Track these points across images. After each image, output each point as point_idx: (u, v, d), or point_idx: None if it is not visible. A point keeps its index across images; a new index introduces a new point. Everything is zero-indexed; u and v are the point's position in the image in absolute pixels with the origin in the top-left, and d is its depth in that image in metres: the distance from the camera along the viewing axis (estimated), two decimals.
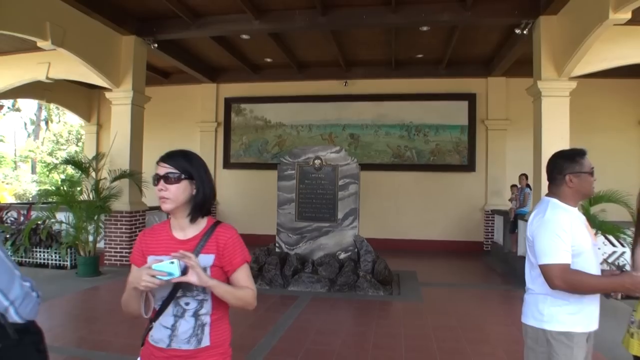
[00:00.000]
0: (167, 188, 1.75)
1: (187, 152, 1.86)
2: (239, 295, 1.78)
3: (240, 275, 1.83)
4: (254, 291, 1.84)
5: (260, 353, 4.45)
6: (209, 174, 1.86)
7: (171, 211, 1.80)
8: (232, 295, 1.76)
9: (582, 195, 2.35)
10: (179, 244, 1.79)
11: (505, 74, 11.09)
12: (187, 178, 1.77)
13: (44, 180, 21.79)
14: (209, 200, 1.84)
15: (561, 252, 2.13)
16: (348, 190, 7.87)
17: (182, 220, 1.82)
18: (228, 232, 1.84)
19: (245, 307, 1.83)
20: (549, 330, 2.21)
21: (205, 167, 1.87)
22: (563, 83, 7.46)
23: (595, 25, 6.09)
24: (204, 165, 1.87)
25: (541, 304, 2.26)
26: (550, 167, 2.46)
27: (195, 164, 1.82)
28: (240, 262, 1.82)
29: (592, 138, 10.54)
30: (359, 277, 7.15)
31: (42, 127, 26.93)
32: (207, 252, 1.78)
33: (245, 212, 12.35)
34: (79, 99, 12.94)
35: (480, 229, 11.47)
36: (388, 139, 11.87)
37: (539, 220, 2.27)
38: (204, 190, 1.81)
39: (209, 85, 12.59)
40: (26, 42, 7.93)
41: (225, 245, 1.80)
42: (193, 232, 1.83)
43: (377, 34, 9.52)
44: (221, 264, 1.80)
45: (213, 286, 1.69)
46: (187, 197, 1.78)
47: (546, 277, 2.16)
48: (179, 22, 8.64)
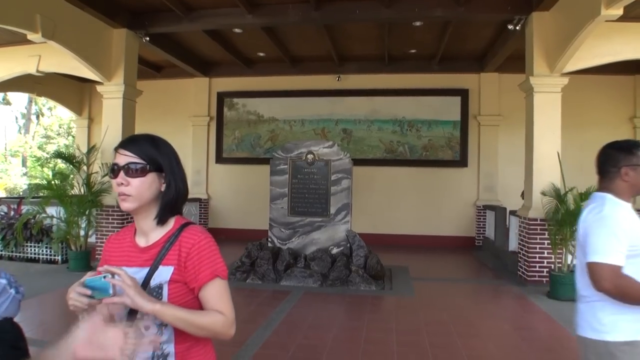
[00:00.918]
0: (129, 182, 1.41)
1: (154, 137, 1.51)
2: (200, 323, 1.37)
3: (208, 295, 1.42)
4: (226, 317, 1.41)
5: (253, 347, 4.46)
6: (180, 164, 1.53)
7: (133, 211, 1.45)
8: (188, 323, 1.35)
9: (637, 189, 2.11)
10: (139, 253, 1.47)
11: (497, 70, 11.11)
12: (155, 170, 1.44)
13: (35, 174, 21.64)
14: (181, 198, 1.50)
15: (615, 252, 1.92)
16: (341, 185, 7.87)
17: (146, 223, 1.48)
18: (194, 237, 1.44)
19: (215, 337, 1.44)
20: (611, 341, 1.96)
21: (177, 155, 1.53)
22: (555, 79, 7.48)
23: (587, 22, 6.11)
24: (175, 153, 1.53)
25: (600, 312, 2.02)
26: (602, 159, 2.17)
27: (164, 152, 1.48)
28: (208, 277, 1.41)
29: (583, 134, 10.61)
30: (351, 272, 7.17)
31: (33, 121, 26.70)
32: (167, 263, 1.42)
33: (237, 207, 12.34)
34: (70, 93, 12.82)
35: (472, 224, 11.52)
36: (381, 134, 11.87)
37: (595, 216, 2.06)
38: (177, 185, 1.48)
39: (201, 80, 12.52)
40: (16, 35, 7.83)
41: (188, 255, 1.42)
42: (156, 237, 1.48)
43: (371, 29, 9.50)
44: (184, 279, 1.41)
45: (156, 312, 1.29)
46: (153, 193, 1.45)
47: (593, 277, 1.96)
48: (171, 16, 8.57)
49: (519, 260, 7.81)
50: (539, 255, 7.33)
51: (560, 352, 4.54)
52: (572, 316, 5.27)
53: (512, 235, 8.96)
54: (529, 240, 7.39)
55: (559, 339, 4.94)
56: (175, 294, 1.40)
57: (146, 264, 1.43)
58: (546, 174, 7.36)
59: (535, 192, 7.37)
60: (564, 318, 5.59)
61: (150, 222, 1.47)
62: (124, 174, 1.41)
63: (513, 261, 8.27)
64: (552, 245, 6.91)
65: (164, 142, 1.52)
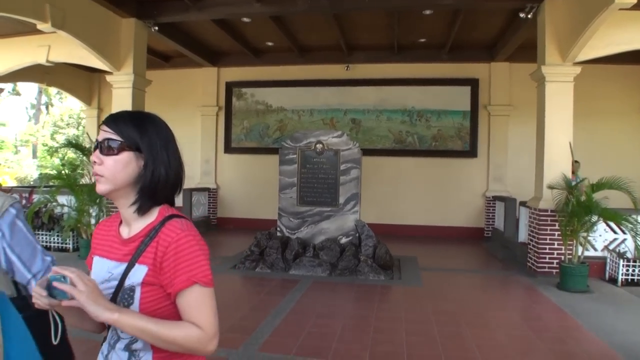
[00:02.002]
0: (102, 161, 1.25)
1: (141, 114, 1.35)
2: (169, 337, 1.16)
3: (184, 304, 1.20)
4: (204, 331, 1.19)
5: (263, 335, 4.48)
6: (169, 147, 1.32)
7: (108, 195, 1.29)
8: (154, 337, 1.16)
9: None
10: (120, 245, 1.31)
11: (508, 59, 10.99)
12: (131, 149, 1.26)
13: (45, 164, 21.80)
14: (163, 184, 1.29)
15: None
16: (350, 175, 7.86)
17: (126, 211, 1.31)
18: (172, 234, 1.22)
19: (190, 353, 1.23)
20: None
21: (167, 137, 1.33)
22: (567, 68, 7.39)
23: (601, 10, 6.01)
24: (166, 135, 1.33)
25: None
26: None
27: (147, 130, 1.29)
28: (185, 283, 1.19)
29: (595, 124, 10.53)
30: (360, 262, 7.18)
31: (43, 111, 26.86)
32: (143, 261, 1.24)
33: (246, 196, 12.37)
34: (79, 83, 12.86)
35: (482, 215, 11.47)
36: (390, 124, 11.82)
37: None
38: (155, 168, 1.27)
39: (210, 69, 12.51)
40: (26, 25, 7.85)
41: (165, 254, 1.21)
42: (137, 228, 1.30)
43: (380, 18, 9.43)
44: (160, 282, 1.22)
45: (114, 322, 1.13)
46: (130, 176, 1.26)
47: None
48: (180, 5, 8.55)
49: (529, 251, 7.78)
50: (549, 246, 7.30)
51: (570, 343, 4.53)
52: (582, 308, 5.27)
53: (521, 226, 8.91)
54: (539, 231, 7.35)
55: (569, 330, 4.92)
56: (149, 299, 1.22)
57: (125, 258, 1.27)
58: (557, 164, 7.30)
59: (546, 183, 7.32)
60: (574, 309, 5.58)
61: (130, 211, 1.29)
62: (99, 152, 1.26)
63: (522, 252, 8.24)
64: (563, 236, 6.86)
65: (152, 121, 1.33)
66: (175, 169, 1.33)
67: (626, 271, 6.94)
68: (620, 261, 6.95)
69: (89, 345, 2.39)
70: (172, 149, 1.34)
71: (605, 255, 7.38)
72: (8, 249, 1.63)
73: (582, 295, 6.29)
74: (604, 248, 7.45)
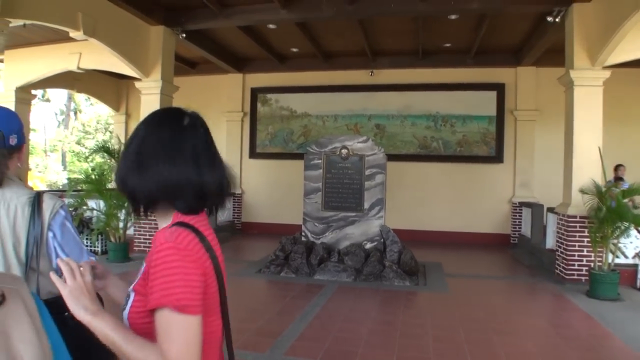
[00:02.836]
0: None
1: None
2: (130, 355, 1.05)
3: (155, 325, 1.07)
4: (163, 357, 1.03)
5: (289, 339, 4.50)
6: (137, 152, 1.20)
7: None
8: (119, 351, 1.06)
9: None
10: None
11: (535, 64, 10.86)
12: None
13: (74, 169, 22.28)
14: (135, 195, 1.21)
15: None
16: (374, 180, 7.86)
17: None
18: (157, 242, 1.12)
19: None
20: None
21: (144, 139, 1.22)
22: (596, 72, 7.27)
23: (631, 12, 5.90)
24: (144, 136, 1.23)
25: None
26: None
27: (135, 130, 1.27)
28: (153, 303, 1.06)
29: (624, 129, 10.32)
30: (385, 267, 7.15)
31: (71, 117, 27.48)
32: (142, 269, 1.21)
33: (271, 201, 12.44)
34: (108, 89, 13.15)
35: (508, 221, 11.32)
36: (414, 129, 11.77)
37: None
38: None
39: (235, 75, 12.65)
40: (57, 33, 8.08)
41: (149, 265, 1.13)
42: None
43: (405, 23, 9.42)
44: (146, 293, 1.11)
45: (86, 323, 1.08)
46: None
47: None
48: (207, 12, 8.68)
49: (557, 258, 7.64)
50: (578, 253, 7.16)
51: (600, 351, 4.44)
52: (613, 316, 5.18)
53: (549, 233, 8.77)
54: (568, 238, 7.22)
55: (599, 338, 4.83)
56: (137, 309, 1.15)
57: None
58: (586, 170, 7.17)
59: (574, 188, 7.20)
60: (604, 317, 5.47)
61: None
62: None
63: (550, 259, 8.10)
64: (593, 243, 6.73)
65: (145, 118, 1.27)
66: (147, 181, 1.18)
67: None
68: None
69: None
70: (139, 153, 1.20)
71: (637, 262, 7.22)
72: (59, 248, 1.70)
73: (612, 303, 6.16)
74: (635, 255, 7.29)
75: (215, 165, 1.25)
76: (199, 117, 1.29)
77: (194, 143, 1.21)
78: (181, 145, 1.19)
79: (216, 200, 1.27)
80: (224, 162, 1.29)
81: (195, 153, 1.20)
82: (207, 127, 1.29)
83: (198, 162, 1.19)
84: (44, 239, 1.68)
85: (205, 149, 1.23)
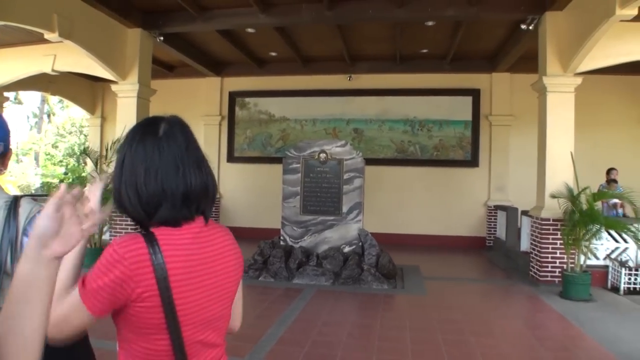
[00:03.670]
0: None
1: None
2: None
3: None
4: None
5: (268, 343, 4.50)
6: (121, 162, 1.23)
7: None
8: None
9: None
10: None
11: (509, 70, 11.09)
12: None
13: (47, 172, 21.84)
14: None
15: None
16: (353, 184, 7.91)
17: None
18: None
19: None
20: None
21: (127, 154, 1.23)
22: (568, 79, 7.47)
23: (602, 21, 6.10)
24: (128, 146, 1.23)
25: None
26: None
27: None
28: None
29: (596, 135, 10.61)
30: (363, 271, 7.20)
31: (45, 120, 26.96)
32: None
33: (249, 205, 12.40)
34: (83, 92, 12.96)
35: (483, 224, 11.50)
36: (392, 133, 11.89)
37: None
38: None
39: (213, 79, 12.60)
40: (32, 34, 7.95)
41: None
42: None
43: (383, 29, 9.52)
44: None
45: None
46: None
47: None
48: (185, 15, 8.64)
49: (531, 260, 7.81)
50: (552, 255, 7.34)
51: (573, 351, 4.55)
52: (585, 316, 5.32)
53: (523, 236, 8.95)
54: (542, 241, 7.39)
55: (573, 339, 4.95)
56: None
57: None
58: (559, 174, 7.35)
59: (548, 192, 7.37)
60: (577, 318, 5.61)
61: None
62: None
63: (525, 261, 8.27)
64: (565, 245, 6.89)
65: (125, 136, 1.28)
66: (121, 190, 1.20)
67: (628, 280, 6.96)
68: (622, 270, 6.98)
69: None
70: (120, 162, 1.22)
71: (607, 264, 7.41)
72: None
73: (584, 304, 6.31)
74: (606, 257, 7.48)
75: (200, 170, 1.25)
76: (178, 123, 1.29)
77: (173, 153, 1.21)
78: (159, 158, 1.19)
79: (203, 204, 1.26)
80: (208, 165, 1.31)
81: (176, 161, 1.20)
82: (187, 132, 1.29)
83: (180, 169, 1.20)
84: (19, 243, 1.66)
85: (186, 155, 1.23)
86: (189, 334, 1.18)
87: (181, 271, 1.16)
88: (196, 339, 1.20)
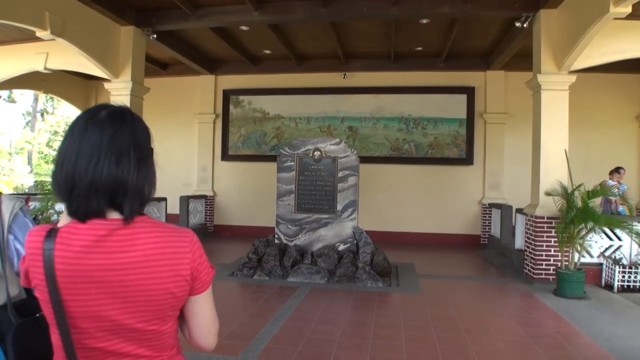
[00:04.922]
0: None
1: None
2: None
3: None
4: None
5: (262, 342, 4.48)
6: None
7: None
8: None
9: None
10: None
11: (504, 68, 11.10)
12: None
13: (40, 171, 21.73)
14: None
15: None
16: (347, 182, 7.89)
17: None
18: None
19: None
20: None
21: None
22: (563, 77, 7.47)
23: (596, 19, 6.11)
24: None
25: None
26: None
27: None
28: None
29: (590, 133, 10.64)
30: (358, 269, 7.19)
31: (38, 118, 26.79)
32: None
33: (243, 203, 12.37)
34: (76, 90, 12.87)
35: (478, 222, 11.52)
36: (386, 131, 11.88)
37: None
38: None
39: (207, 77, 12.55)
40: (24, 32, 7.89)
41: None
42: None
43: (377, 27, 9.50)
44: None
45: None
46: None
47: None
48: (178, 13, 8.59)
49: (525, 258, 7.82)
50: (546, 253, 7.35)
51: (568, 348, 4.55)
52: (579, 314, 5.31)
53: (518, 233, 8.97)
54: (536, 238, 7.40)
55: (567, 336, 4.95)
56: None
57: None
58: (553, 172, 7.36)
59: (542, 190, 7.38)
60: (571, 315, 5.62)
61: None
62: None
63: (519, 259, 8.28)
64: (559, 243, 6.90)
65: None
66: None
67: (622, 277, 6.98)
68: (616, 267, 6.99)
69: None
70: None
71: (601, 261, 7.43)
72: (22, 249, 1.65)
73: (578, 302, 6.32)
74: (600, 255, 7.50)
75: (119, 163, 1.15)
76: (118, 113, 1.22)
77: (93, 140, 1.14)
78: (79, 142, 1.14)
79: (120, 199, 1.16)
80: (143, 161, 1.21)
81: (92, 149, 1.13)
82: (121, 123, 1.20)
83: (94, 157, 1.13)
84: (6, 242, 1.63)
85: (107, 145, 1.15)
86: (79, 337, 1.13)
87: (71, 274, 1.11)
88: (91, 345, 1.14)
